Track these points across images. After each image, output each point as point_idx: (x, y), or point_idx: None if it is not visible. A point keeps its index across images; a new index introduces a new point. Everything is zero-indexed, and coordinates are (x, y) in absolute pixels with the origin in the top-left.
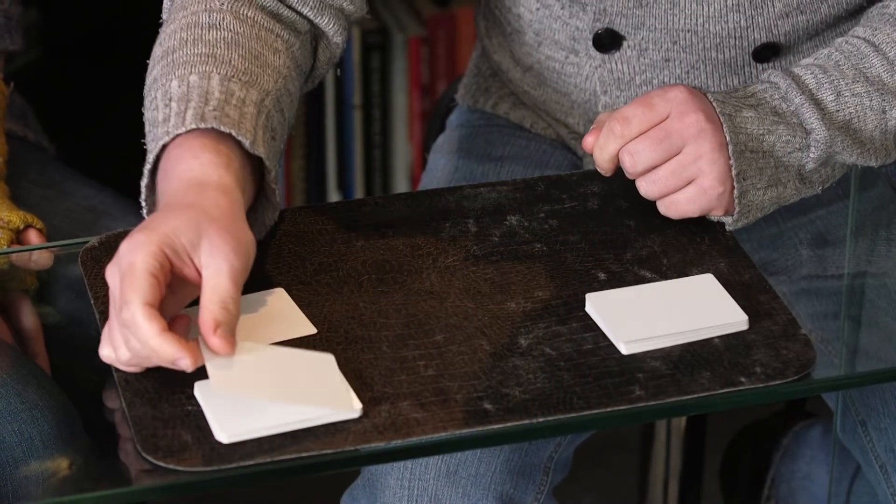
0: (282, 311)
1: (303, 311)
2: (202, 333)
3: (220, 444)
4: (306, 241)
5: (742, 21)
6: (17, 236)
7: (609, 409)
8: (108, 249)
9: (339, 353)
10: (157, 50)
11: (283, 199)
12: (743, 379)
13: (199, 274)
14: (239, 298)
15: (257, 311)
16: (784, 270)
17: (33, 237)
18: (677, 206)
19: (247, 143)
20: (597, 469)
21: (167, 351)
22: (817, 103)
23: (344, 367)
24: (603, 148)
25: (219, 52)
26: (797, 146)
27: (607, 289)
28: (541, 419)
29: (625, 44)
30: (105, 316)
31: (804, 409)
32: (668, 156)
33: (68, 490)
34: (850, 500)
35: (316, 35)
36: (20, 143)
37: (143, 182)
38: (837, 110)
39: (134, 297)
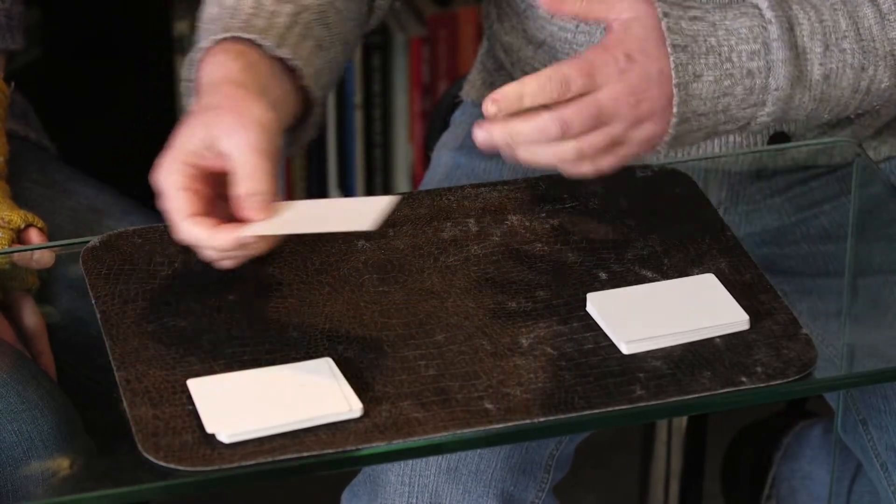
0: (326, 383)
1: (304, 311)
2: (236, 209)
3: (220, 443)
4: (307, 240)
5: None
6: (18, 236)
7: (610, 409)
8: (110, 249)
9: (340, 352)
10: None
11: (284, 195)
12: (744, 379)
13: (214, 163)
14: (269, 169)
15: (301, 383)
16: (784, 268)
17: (34, 236)
18: (594, 146)
19: (268, 44)
20: (597, 469)
21: (191, 236)
22: (802, 55)
23: (344, 366)
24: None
25: None
26: (752, 102)
27: (608, 288)
28: (542, 419)
29: None
30: (106, 316)
31: (805, 409)
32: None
33: (69, 490)
34: (850, 499)
35: None
36: (21, 143)
37: (187, 101)
38: (820, 64)
39: (175, 216)
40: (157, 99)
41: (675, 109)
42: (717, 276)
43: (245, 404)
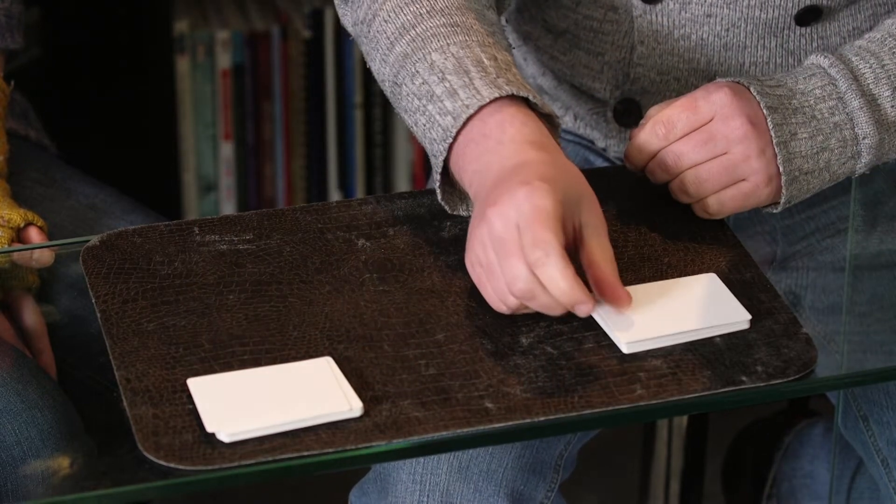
0: (326, 382)
1: (304, 310)
2: (607, 292)
3: (221, 443)
4: (308, 240)
5: None
6: (18, 234)
7: (610, 408)
8: (110, 248)
9: (341, 351)
10: (387, 27)
11: (285, 197)
12: (744, 378)
13: (567, 229)
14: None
15: (301, 382)
16: (785, 266)
17: (34, 235)
18: (723, 205)
19: (539, 105)
20: (598, 468)
21: (577, 296)
22: (873, 101)
23: (345, 366)
24: (643, 148)
25: (458, 19)
26: (849, 155)
27: None
28: (542, 418)
29: None
30: (105, 315)
31: (806, 408)
32: (711, 157)
33: (69, 489)
34: (851, 495)
35: None
36: (21, 142)
37: (441, 156)
38: (892, 106)
39: (552, 238)
40: (156, 99)
41: (781, 168)
42: (717, 275)
43: (245, 404)
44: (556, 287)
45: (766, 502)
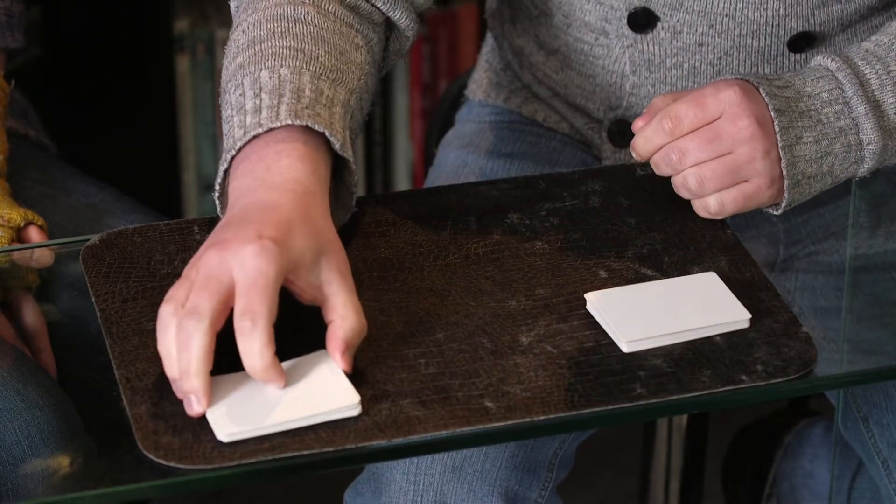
0: (326, 378)
1: (303, 309)
2: (335, 353)
3: (220, 442)
4: None
5: (781, 9)
6: (18, 234)
7: (610, 407)
8: (110, 247)
9: None
10: (241, 37)
11: None
12: (744, 377)
13: (304, 287)
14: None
15: (300, 380)
16: (785, 266)
17: (34, 234)
18: (724, 206)
19: (337, 146)
20: (598, 467)
21: (269, 376)
22: (878, 107)
23: None
24: (649, 140)
25: (307, 47)
26: (853, 160)
27: (609, 287)
28: (542, 417)
29: (659, 25)
30: (105, 314)
31: (806, 407)
32: (716, 156)
33: (69, 488)
34: (851, 496)
35: (388, 27)
36: (21, 141)
37: (223, 166)
38: (895, 113)
39: (263, 311)
40: (156, 98)
41: (785, 171)
42: (717, 274)
43: (245, 402)
44: (251, 363)
45: (766, 502)
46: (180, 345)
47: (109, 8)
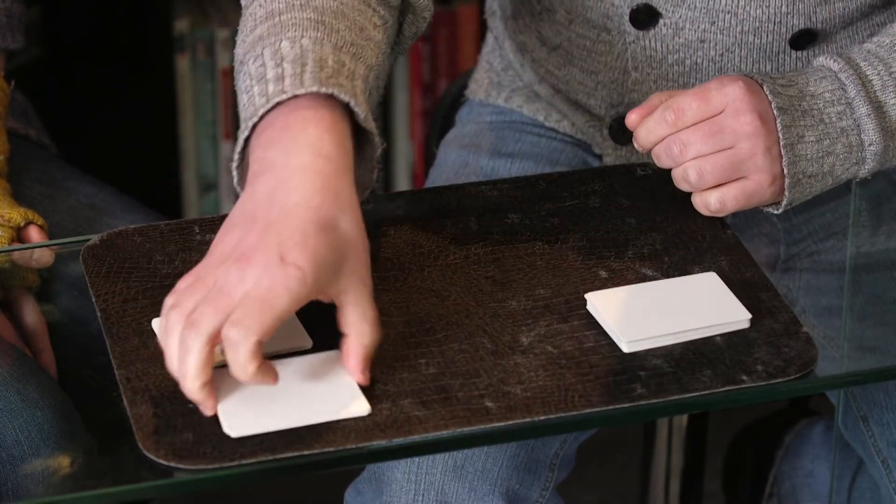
0: (338, 384)
1: (304, 309)
2: (349, 363)
3: (221, 442)
4: None
5: (783, 6)
6: (19, 234)
7: (610, 408)
8: (110, 247)
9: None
10: (259, 10)
11: None
12: (744, 377)
13: (322, 295)
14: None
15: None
16: (786, 266)
17: (34, 234)
18: (725, 203)
19: (361, 117)
20: (598, 467)
21: (257, 381)
22: (879, 108)
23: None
24: (651, 132)
25: (327, 19)
26: (854, 161)
27: (609, 287)
28: (542, 417)
29: (661, 21)
30: (106, 314)
31: (807, 407)
32: (717, 150)
33: (69, 488)
34: (851, 495)
35: (404, 9)
36: (21, 141)
37: (243, 134)
38: None
39: (259, 329)
40: (156, 98)
41: (786, 170)
42: (717, 274)
43: (255, 399)
44: (235, 372)
45: (766, 501)
46: (180, 354)
47: (109, 8)
